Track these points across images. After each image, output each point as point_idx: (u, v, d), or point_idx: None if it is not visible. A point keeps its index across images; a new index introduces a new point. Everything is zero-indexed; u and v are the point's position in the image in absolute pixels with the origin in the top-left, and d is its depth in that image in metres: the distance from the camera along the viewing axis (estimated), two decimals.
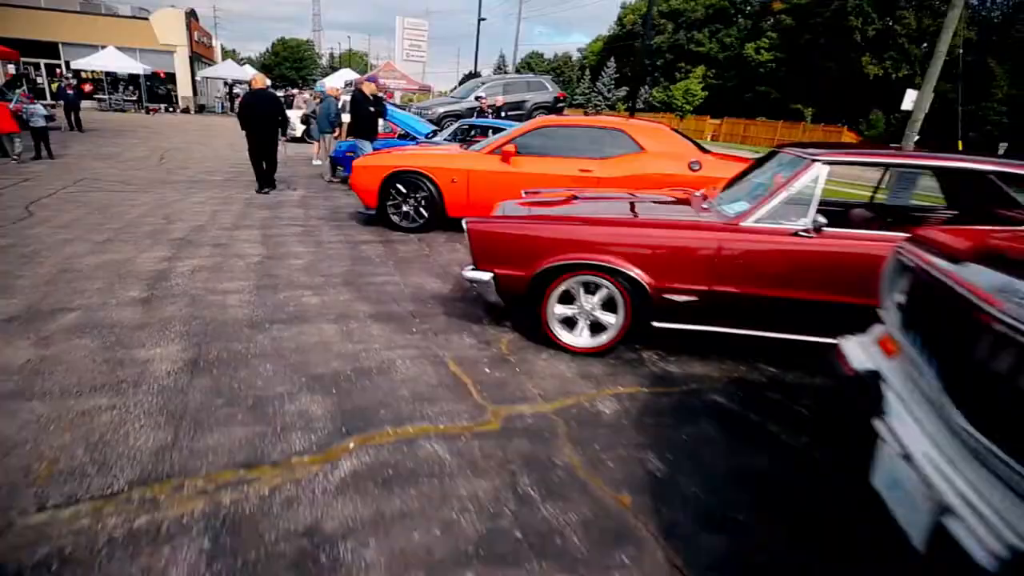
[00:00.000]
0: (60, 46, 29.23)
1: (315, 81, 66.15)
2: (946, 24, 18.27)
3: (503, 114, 15.98)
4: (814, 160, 3.58)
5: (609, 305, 3.76)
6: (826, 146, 3.92)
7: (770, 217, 3.58)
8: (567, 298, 3.80)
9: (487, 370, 3.54)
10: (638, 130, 6.53)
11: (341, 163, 10.36)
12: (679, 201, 4.59)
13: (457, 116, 16.63)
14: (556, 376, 3.52)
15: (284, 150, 10.07)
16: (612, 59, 65.74)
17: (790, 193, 3.60)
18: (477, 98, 17.04)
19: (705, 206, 4.18)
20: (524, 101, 17.70)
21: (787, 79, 52.55)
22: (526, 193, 5.02)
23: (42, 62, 29.05)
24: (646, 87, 62.87)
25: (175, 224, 6.83)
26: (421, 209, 6.84)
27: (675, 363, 3.79)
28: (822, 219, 3.46)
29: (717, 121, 50.46)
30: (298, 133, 18.29)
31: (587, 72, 69.12)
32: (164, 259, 5.42)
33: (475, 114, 15.69)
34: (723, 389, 3.50)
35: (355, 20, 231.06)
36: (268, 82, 9.45)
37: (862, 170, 4.33)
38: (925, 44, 47.05)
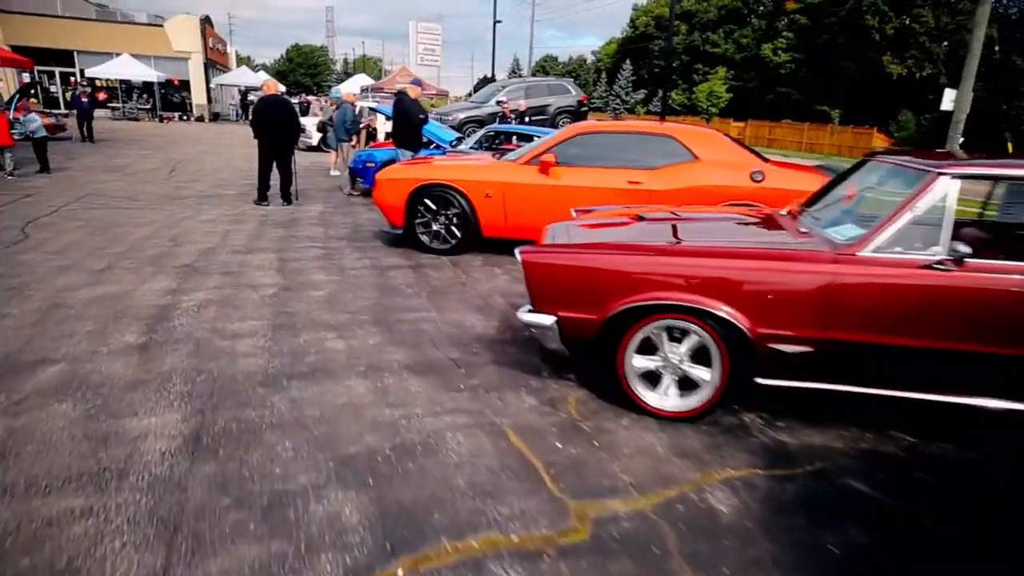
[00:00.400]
0: (75, 54, 29.00)
1: (329, 87, 66.05)
2: (977, 20, 17.46)
3: (526, 119, 15.33)
4: (939, 173, 2.85)
5: (701, 356, 3.04)
6: (939, 156, 3.22)
7: (893, 245, 2.85)
8: (648, 346, 3.09)
9: (558, 444, 2.84)
10: (689, 136, 5.82)
11: (361, 175, 9.74)
12: (766, 222, 3.88)
13: (479, 122, 16.00)
14: (645, 452, 2.81)
15: (296, 161, 9.44)
16: (627, 61, 65.03)
17: (915, 215, 2.87)
18: (498, 102, 16.41)
19: (803, 229, 3.45)
20: (547, 105, 17.04)
21: (808, 80, 51.48)
22: (577, 212, 4.32)
23: (57, 70, 28.84)
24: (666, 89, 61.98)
25: (182, 247, 6.21)
26: (453, 228, 6.16)
27: (787, 431, 3.06)
28: (964, 247, 2.73)
29: (741, 124, 49.47)
30: (314, 141, 17.74)
31: (603, 75, 68.35)
32: (168, 292, 4.78)
33: (497, 119, 15.07)
34: (855, 468, 2.77)
35: (367, 26, 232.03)
36: (281, 88, 8.83)
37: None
38: (946, 43, 45.93)
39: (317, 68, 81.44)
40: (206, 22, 32.66)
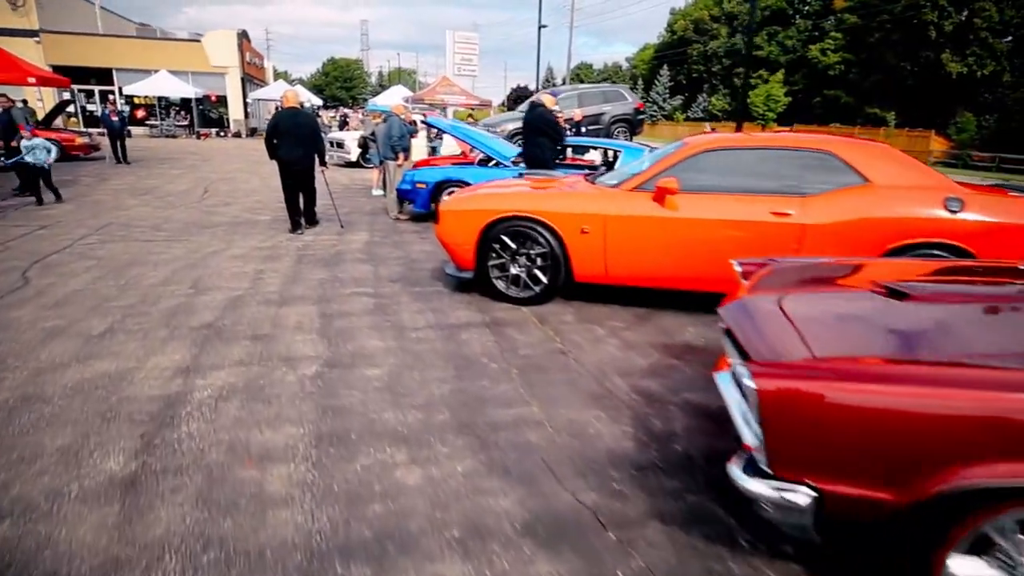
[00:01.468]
0: (114, 72, 28.84)
1: (365, 100, 65.95)
2: None
3: (583, 130, 14.06)
4: None
5: None
6: None
7: None
8: (981, 545, 1.73)
9: None
10: (856, 152, 4.44)
11: (409, 197, 8.57)
12: None
13: None
14: None
15: (324, 176, 8.37)
16: (665, 67, 63.32)
17: None
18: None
19: None
20: (601, 114, 15.75)
21: (858, 82, 49.13)
22: (743, 266, 2.99)
23: (96, 88, 28.70)
24: (704, 94, 60.20)
25: (205, 295, 5.07)
26: (536, 271, 4.89)
27: None
28: None
29: (786, 128, 47.43)
30: (352, 157, 16.76)
31: (640, 81, 66.75)
32: (179, 371, 3.60)
33: None
34: None
35: (400, 39, 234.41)
36: (305, 99, 7.72)
37: None
38: (1010, 38, 43.23)
39: (353, 81, 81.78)
40: (243, 36, 32.30)
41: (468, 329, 4.42)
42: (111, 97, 24.69)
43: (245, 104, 32.23)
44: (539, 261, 4.86)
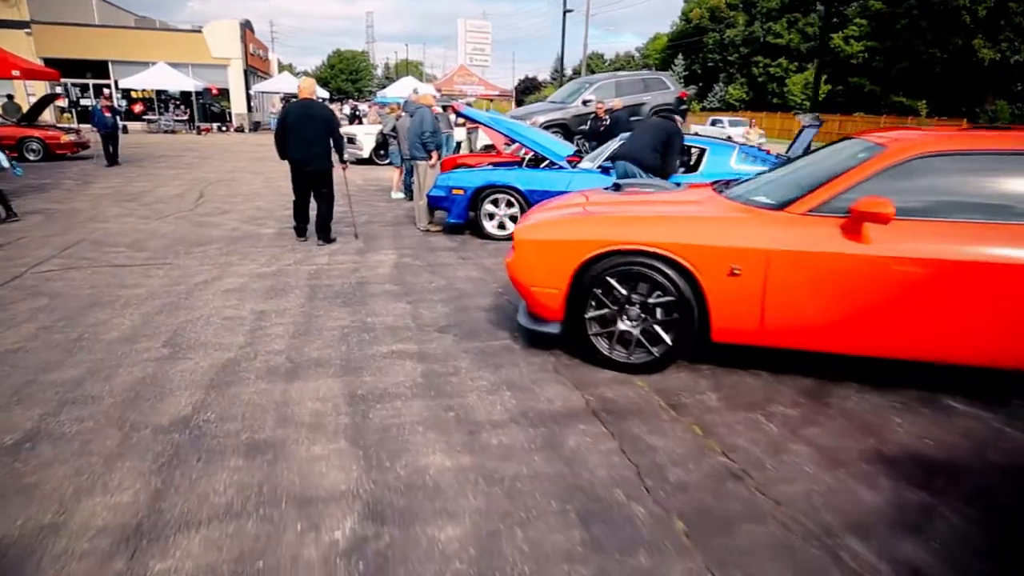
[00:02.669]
0: (110, 64, 27.38)
1: (372, 92, 64.21)
2: None
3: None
4: None
5: None
6: None
7: None
8: None
9: None
10: None
11: (444, 206, 7.09)
12: None
13: (563, 126, 13.26)
14: None
15: (344, 175, 6.97)
16: (680, 56, 61.32)
17: None
18: (585, 102, 13.64)
19: None
20: (642, 104, 14.20)
21: (883, 70, 47.16)
22: None
23: (91, 82, 27.26)
24: (721, 84, 58.33)
25: (183, 362, 3.61)
26: (656, 327, 3.40)
27: None
28: None
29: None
30: (364, 153, 15.27)
31: (653, 71, 64.82)
32: (120, 541, 2.13)
33: (590, 124, 12.32)
34: None
35: (406, 31, 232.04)
36: (320, 91, 6.22)
37: None
38: None
39: (359, 74, 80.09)
40: (246, 26, 30.77)
41: (571, 425, 2.93)
42: (105, 91, 23.26)
43: (248, 97, 30.76)
44: (659, 313, 3.37)
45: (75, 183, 11.42)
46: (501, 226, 7.00)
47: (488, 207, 6.90)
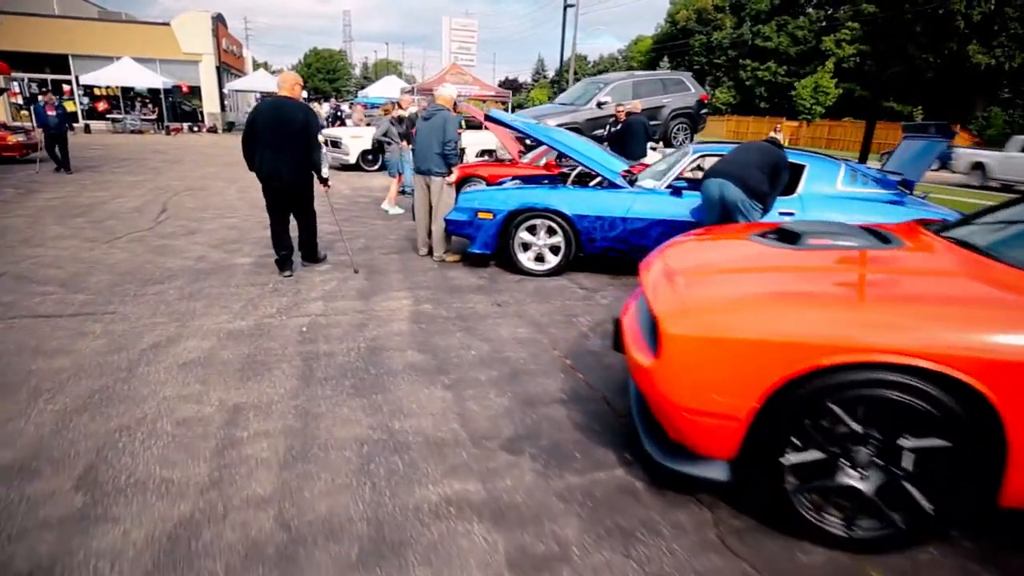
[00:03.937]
0: (70, 58, 25.38)
1: (349, 92, 62.29)
2: None
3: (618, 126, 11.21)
4: None
5: None
6: None
7: None
8: None
9: None
10: None
11: (466, 233, 5.67)
12: None
13: (576, 131, 11.91)
14: None
15: (327, 197, 5.58)
16: (664, 59, 60.41)
17: None
18: (600, 104, 12.32)
19: None
20: (661, 106, 12.90)
21: (875, 74, 46.72)
22: None
23: (49, 77, 25.22)
24: (707, 87, 57.61)
25: (101, 527, 2.15)
26: (906, 484, 2.02)
27: None
28: None
29: (795, 123, 45.08)
30: (351, 159, 13.76)
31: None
32: None
33: (608, 127, 10.99)
34: None
35: (383, 30, 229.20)
36: (302, 91, 4.77)
37: None
38: None
39: (336, 73, 77.96)
40: (219, 20, 28.91)
41: None
42: (44, 89, 21.31)
43: (221, 96, 28.90)
44: (911, 461, 2.00)
45: (16, 192, 9.76)
46: (539, 259, 5.61)
47: (523, 235, 5.51)
